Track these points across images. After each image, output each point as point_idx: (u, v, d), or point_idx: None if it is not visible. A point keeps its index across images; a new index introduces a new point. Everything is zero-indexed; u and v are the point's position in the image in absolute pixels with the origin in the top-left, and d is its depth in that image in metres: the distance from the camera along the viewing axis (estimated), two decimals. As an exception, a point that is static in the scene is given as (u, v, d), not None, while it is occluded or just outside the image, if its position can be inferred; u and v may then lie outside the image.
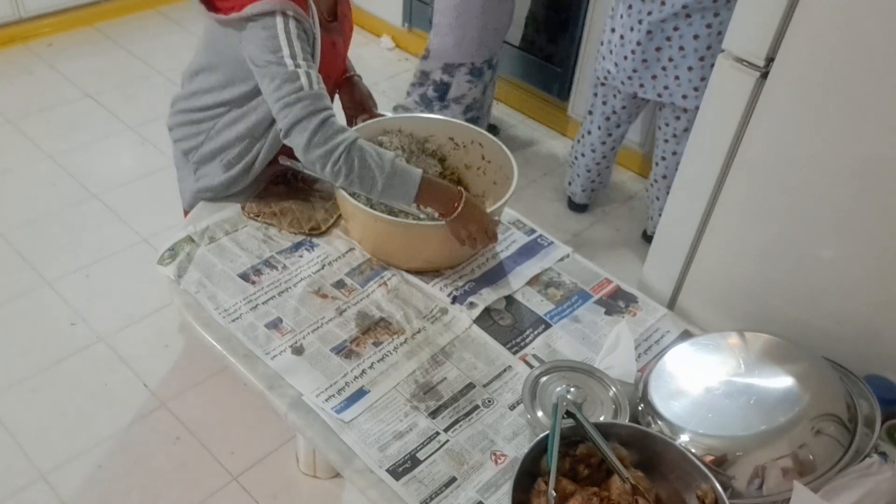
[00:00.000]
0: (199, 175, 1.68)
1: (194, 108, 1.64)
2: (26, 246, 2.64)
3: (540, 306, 1.52)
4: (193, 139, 1.66)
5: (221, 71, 1.57)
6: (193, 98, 1.64)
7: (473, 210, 1.47)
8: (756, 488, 1.14)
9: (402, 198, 1.45)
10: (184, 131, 1.68)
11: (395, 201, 1.48)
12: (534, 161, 3.32)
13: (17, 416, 2.13)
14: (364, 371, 1.36)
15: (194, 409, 2.18)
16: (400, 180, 1.43)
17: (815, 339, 1.32)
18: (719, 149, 1.35)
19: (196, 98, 1.63)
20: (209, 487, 2.03)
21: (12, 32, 3.62)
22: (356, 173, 1.41)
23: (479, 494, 1.19)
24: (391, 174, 1.42)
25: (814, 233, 1.30)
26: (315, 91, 1.42)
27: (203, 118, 1.63)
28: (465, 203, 1.46)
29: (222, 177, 1.64)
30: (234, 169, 1.63)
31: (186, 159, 1.70)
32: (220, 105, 1.60)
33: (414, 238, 1.53)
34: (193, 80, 1.64)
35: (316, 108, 1.41)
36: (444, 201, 1.46)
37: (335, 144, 1.40)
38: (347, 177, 1.41)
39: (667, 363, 1.33)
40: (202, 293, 1.47)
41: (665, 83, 2.41)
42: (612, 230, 3.00)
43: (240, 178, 1.65)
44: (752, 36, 1.23)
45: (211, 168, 1.66)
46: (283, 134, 1.44)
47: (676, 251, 1.51)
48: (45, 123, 3.21)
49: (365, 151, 1.42)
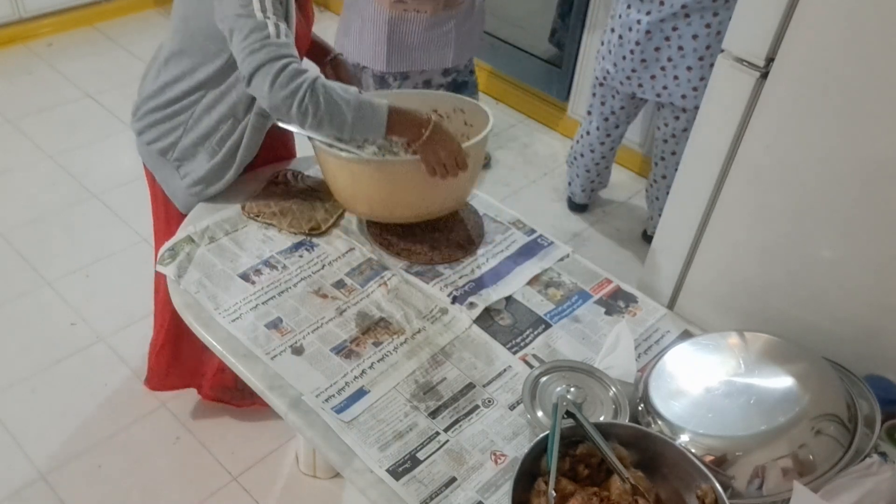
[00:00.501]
0: (184, 172, 1.67)
1: (167, 101, 1.63)
2: (26, 246, 2.64)
3: (540, 306, 1.52)
4: (171, 135, 1.64)
5: (192, 51, 1.57)
6: (164, 92, 1.63)
7: (443, 135, 1.47)
8: (756, 488, 1.14)
9: (373, 129, 1.44)
10: (158, 130, 1.66)
11: (367, 134, 1.48)
12: (534, 161, 3.32)
13: (17, 416, 2.13)
14: (364, 371, 1.36)
15: (194, 409, 2.18)
16: (369, 111, 1.42)
17: (815, 340, 1.32)
18: (719, 149, 1.35)
19: (167, 90, 1.62)
20: (209, 487, 2.03)
21: (12, 32, 3.62)
22: (324, 109, 1.39)
23: (479, 494, 1.19)
24: (359, 106, 1.41)
25: (814, 233, 1.30)
26: (282, 41, 1.40)
27: (179, 110, 1.62)
28: (433, 128, 1.45)
29: (208, 165, 1.63)
30: (218, 155, 1.61)
31: (165, 160, 1.68)
32: (196, 90, 1.59)
33: (391, 176, 1.52)
34: (161, 74, 1.63)
35: (280, 54, 1.39)
36: (413, 127, 1.46)
37: (299, 84, 1.38)
38: (315, 115, 1.39)
39: (667, 363, 1.33)
40: (202, 293, 1.47)
41: (664, 83, 2.41)
42: (612, 230, 3.01)
43: (226, 163, 1.63)
44: (752, 36, 1.23)
45: (195, 160, 1.64)
46: (246, 81, 1.41)
47: (676, 251, 1.51)
48: (45, 123, 3.21)
49: (329, 87, 1.40)
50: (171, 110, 1.63)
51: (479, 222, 1.70)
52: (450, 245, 1.63)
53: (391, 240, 1.63)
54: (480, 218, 1.71)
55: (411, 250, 1.60)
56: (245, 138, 1.60)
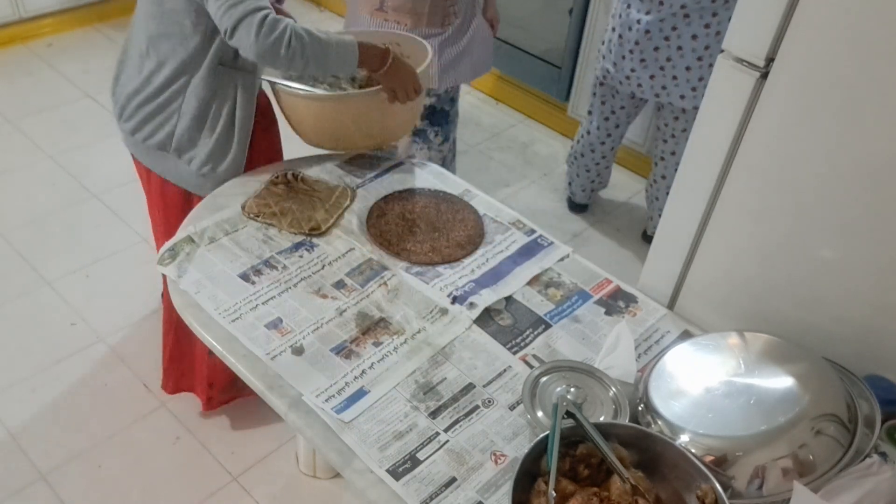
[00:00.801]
0: (188, 157, 1.71)
1: (155, 90, 1.67)
2: (26, 246, 2.64)
3: (540, 306, 1.52)
4: (166, 126, 1.69)
5: (170, 32, 1.62)
6: (150, 82, 1.67)
7: (401, 64, 1.69)
8: (756, 488, 1.14)
9: (349, 63, 1.62)
10: (152, 126, 1.71)
11: (344, 68, 1.64)
12: (534, 161, 3.32)
13: (17, 416, 2.13)
14: (364, 371, 1.36)
15: (194, 409, 2.18)
16: (343, 48, 1.59)
17: (815, 340, 1.32)
18: (719, 149, 1.34)
19: (153, 79, 1.67)
20: (209, 487, 2.03)
21: (12, 32, 3.62)
22: (309, 49, 1.53)
23: (479, 495, 1.19)
24: (336, 44, 1.58)
25: (814, 233, 1.30)
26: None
27: (169, 97, 1.67)
28: (393, 58, 1.67)
29: (211, 142, 1.68)
30: (217, 129, 1.68)
31: (164, 153, 1.73)
32: (181, 72, 1.64)
33: (354, 109, 1.73)
34: (143, 66, 1.67)
35: (258, 6, 1.50)
36: (377, 59, 1.66)
37: (283, 30, 1.50)
38: (302, 56, 1.53)
39: (667, 363, 1.33)
40: (202, 293, 1.47)
41: (663, 83, 2.41)
42: (612, 230, 3.01)
43: (227, 134, 1.69)
44: (752, 36, 1.23)
45: (198, 144, 1.69)
46: (229, 35, 1.51)
47: (676, 251, 1.51)
48: (45, 123, 3.21)
49: (308, 29, 1.55)
50: (161, 99, 1.67)
51: (479, 222, 1.70)
52: (450, 245, 1.63)
53: (391, 240, 1.63)
54: (480, 218, 1.71)
55: (411, 250, 1.61)
56: (239, 103, 1.67)
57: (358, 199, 1.72)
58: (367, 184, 1.78)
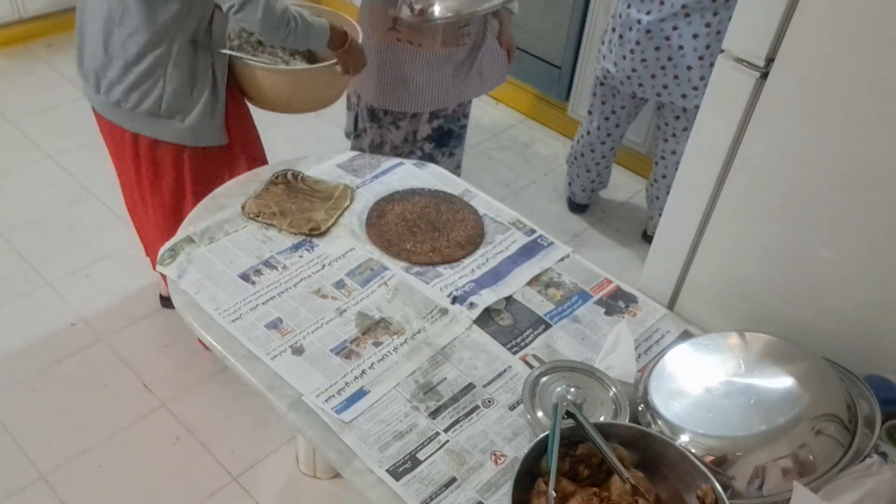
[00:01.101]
0: (181, 117, 1.83)
1: (136, 55, 1.75)
2: (26, 246, 2.64)
3: (540, 306, 1.52)
4: (155, 90, 1.78)
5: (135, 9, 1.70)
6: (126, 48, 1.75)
7: (356, 45, 1.97)
8: (756, 488, 1.14)
9: (324, 40, 1.86)
10: (141, 91, 1.79)
11: (319, 44, 1.87)
12: (534, 161, 3.32)
13: (17, 416, 2.13)
14: (364, 371, 1.36)
15: (194, 409, 2.18)
16: (318, 27, 1.83)
17: (815, 339, 1.32)
18: (719, 149, 1.34)
19: (130, 43, 1.74)
20: (209, 487, 2.03)
21: (12, 32, 3.62)
22: (301, 26, 1.77)
23: (479, 495, 1.19)
24: (315, 26, 1.82)
25: (814, 233, 1.30)
26: None
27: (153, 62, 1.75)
28: (351, 40, 1.94)
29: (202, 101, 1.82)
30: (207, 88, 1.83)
31: (157, 117, 1.82)
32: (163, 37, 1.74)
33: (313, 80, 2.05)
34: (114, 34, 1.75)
35: None
36: (339, 39, 1.91)
37: (283, 7, 1.73)
38: (296, 31, 1.76)
39: (667, 363, 1.33)
40: (202, 293, 1.47)
41: (664, 82, 2.41)
42: (612, 230, 3.01)
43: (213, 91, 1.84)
44: (752, 36, 1.23)
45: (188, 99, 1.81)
46: (236, 10, 1.66)
47: (676, 251, 1.51)
48: (45, 123, 3.21)
49: (300, 11, 1.78)
50: (145, 65, 1.75)
51: (479, 222, 1.70)
52: (450, 245, 1.63)
53: (391, 240, 1.63)
54: (480, 218, 1.71)
55: (411, 250, 1.61)
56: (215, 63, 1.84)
57: (358, 199, 1.73)
58: (367, 184, 1.78)
